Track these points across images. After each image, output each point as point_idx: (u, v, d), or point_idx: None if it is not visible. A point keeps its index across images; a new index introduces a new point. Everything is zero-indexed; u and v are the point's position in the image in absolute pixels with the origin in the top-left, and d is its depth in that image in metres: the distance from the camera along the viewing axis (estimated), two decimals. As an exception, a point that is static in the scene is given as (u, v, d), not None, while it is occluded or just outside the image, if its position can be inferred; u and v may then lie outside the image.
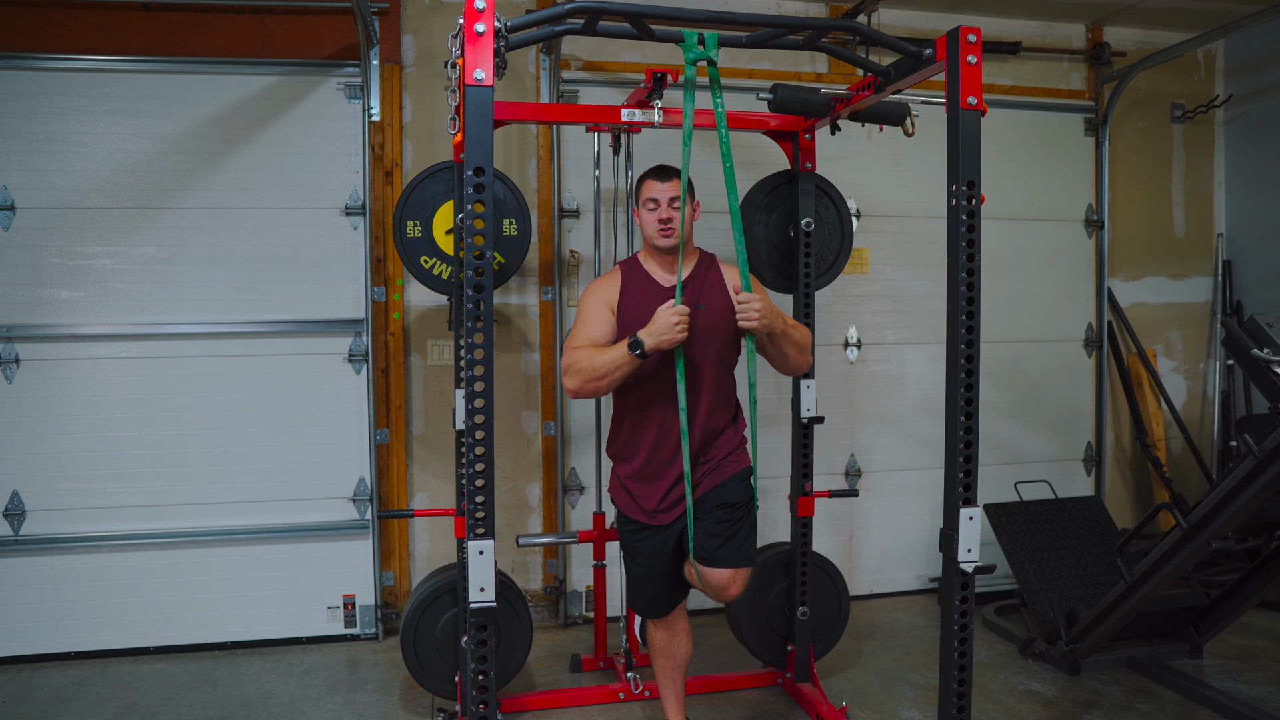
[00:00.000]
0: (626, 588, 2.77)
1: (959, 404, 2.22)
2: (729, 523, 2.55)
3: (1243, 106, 4.82)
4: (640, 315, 2.49)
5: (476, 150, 1.96)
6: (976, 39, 2.22)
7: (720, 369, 2.59)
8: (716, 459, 2.60)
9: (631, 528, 2.65)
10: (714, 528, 2.54)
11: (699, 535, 2.54)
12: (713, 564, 2.53)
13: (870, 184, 4.31)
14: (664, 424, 2.54)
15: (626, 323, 2.54)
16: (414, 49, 3.95)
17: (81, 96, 3.65)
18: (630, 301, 2.57)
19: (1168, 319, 4.90)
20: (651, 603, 2.68)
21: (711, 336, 2.55)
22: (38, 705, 3.24)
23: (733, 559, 2.53)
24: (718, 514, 2.54)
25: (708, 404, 2.56)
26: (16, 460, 3.62)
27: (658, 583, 2.65)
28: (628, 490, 2.63)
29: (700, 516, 2.54)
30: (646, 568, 2.64)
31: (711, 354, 2.55)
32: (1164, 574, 2.99)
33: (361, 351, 3.84)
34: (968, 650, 2.26)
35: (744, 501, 2.58)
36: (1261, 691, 3.25)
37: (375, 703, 3.26)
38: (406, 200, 3.08)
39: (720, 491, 2.57)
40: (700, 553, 2.54)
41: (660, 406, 2.53)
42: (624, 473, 2.64)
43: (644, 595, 2.69)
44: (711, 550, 2.53)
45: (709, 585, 2.57)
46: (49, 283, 3.64)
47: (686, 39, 2.31)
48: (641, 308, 2.53)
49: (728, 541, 2.54)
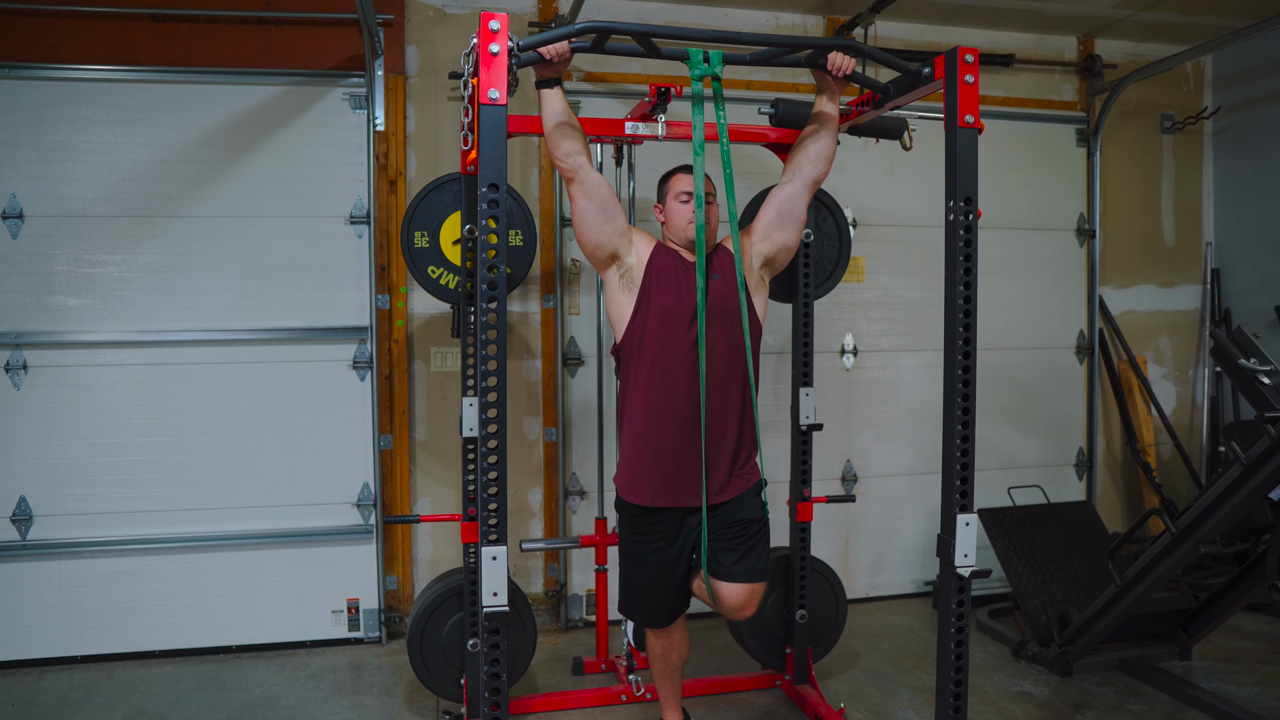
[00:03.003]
0: (620, 595, 2.71)
1: (956, 413, 2.28)
2: (744, 538, 2.56)
3: (1231, 118, 4.92)
4: (661, 278, 2.52)
5: (491, 167, 2.02)
6: (974, 59, 2.29)
7: (733, 349, 2.52)
8: (729, 450, 2.54)
9: (636, 525, 2.59)
10: (730, 543, 2.54)
11: (713, 550, 2.54)
12: (729, 579, 2.54)
13: (866, 194, 4.39)
14: (683, 383, 2.48)
15: (650, 277, 2.53)
16: (418, 60, 4.00)
17: (89, 106, 3.69)
18: (660, 263, 2.56)
19: (1158, 326, 4.98)
20: (653, 614, 2.68)
21: (725, 304, 2.51)
22: (46, 708, 3.28)
23: (748, 574, 2.55)
24: (734, 529, 2.55)
25: (720, 374, 2.50)
26: (24, 466, 3.66)
27: (660, 595, 2.63)
28: (636, 465, 2.55)
29: (714, 532, 2.53)
30: (649, 579, 2.61)
31: (721, 330, 2.51)
32: (1154, 577, 3.06)
33: (366, 358, 3.89)
34: (964, 653, 2.33)
35: (759, 517, 2.60)
36: (1249, 692, 3.33)
37: (381, 705, 3.31)
38: (414, 211, 3.13)
39: (736, 507, 2.56)
40: (716, 567, 2.54)
41: (677, 370, 2.49)
42: (635, 430, 2.55)
43: (645, 606, 2.67)
44: (728, 565, 2.54)
45: (722, 604, 2.56)
46: (57, 290, 3.68)
47: (693, 57, 2.37)
48: (664, 273, 2.53)
49: (744, 556, 2.55)
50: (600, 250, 2.54)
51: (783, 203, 2.64)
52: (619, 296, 2.57)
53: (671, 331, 2.49)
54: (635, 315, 2.54)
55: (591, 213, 2.48)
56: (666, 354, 2.49)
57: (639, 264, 2.56)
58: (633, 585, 2.66)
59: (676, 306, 2.50)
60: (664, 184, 2.72)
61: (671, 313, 2.50)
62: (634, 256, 2.56)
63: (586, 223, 2.50)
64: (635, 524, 2.61)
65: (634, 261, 2.56)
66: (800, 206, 2.64)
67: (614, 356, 2.67)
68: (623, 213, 2.56)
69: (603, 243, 2.52)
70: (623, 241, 2.54)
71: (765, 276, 2.68)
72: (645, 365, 2.52)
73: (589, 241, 2.52)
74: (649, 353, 2.51)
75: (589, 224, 2.50)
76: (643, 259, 2.56)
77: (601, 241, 2.52)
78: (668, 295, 2.52)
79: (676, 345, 2.49)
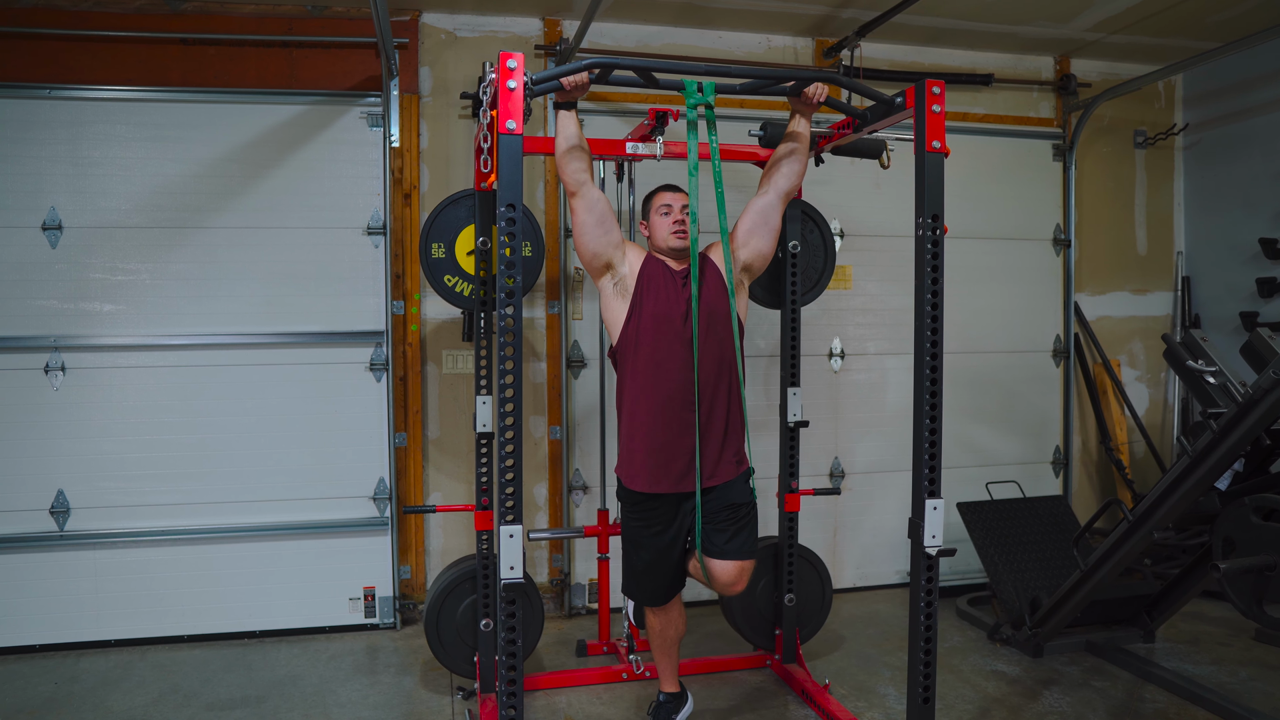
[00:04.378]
0: (624, 577, 2.96)
1: (924, 408, 2.54)
2: (734, 520, 2.82)
3: (1200, 134, 5.19)
4: (651, 285, 2.75)
5: (509, 190, 2.28)
6: (940, 90, 2.55)
7: (721, 348, 2.76)
8: (718, 439, 2.76)
9: (636, 511, 2.82)
10: (721, 525, 2.80)
11: (706, 530, 2.79)
12: (720, 556, 2.80)
13: (853, 206, 4.65)
14: (675, 380, 2.71)
15: (642, 285, 2.76)
16: (431, 80, 4.26)
17: (123, 124, 3.94)
18: (650, 272, 2.79)
19: (1131, 331, 5.24)
20: (652, 593, 2.92)
21: (713, 307, 2.76)
22: (87, 686, 3.52)
23: (739, 551, 2.81)
24: (725, 513, 2.81)
25: (708, 370, 2.73)
26: (61, 461, 3.91)
27: (659, 575, 2.88)
28: (635, 455, 2.76)
29: (707, 515, 2.78)
30: (649, 560, 2.85)
31: (708, 330, 2.75)
32: (1114, 562, 3.32)
33: (382, 361, 4.14)
34: (933, 625, 2.58)
35: (748, 501, 2.86)
36: (1205, 670, 3.58)
37: (398, 683, 3.55)
38: (431, 225, 3.38)
39: (726, 492, 2.81)
40: (708, 546, 2.80)
41: (669, 368, 2.72)
42: (632, 423, 2.77)
43: (645, 586, 2.90)
44: (720, 544, 2.80)
45: (716, 580, 2.83)
46: (93, 296, 3.93)
47: (688, 87, 2.62)
48: (653, 281, 2.77)
49: (734, 536, 2.81)
50: (596, 260, 2.79)
51: (758, 213, 2.90)
52: (614, 303, 2.82)
53: (663, 333, 2.74)
54: (629, 319, 2.79)
55: (591, 225, 2.74)
56: (659, 354, 2.74)
57: (631, 274, 2.81)
58: (634, 568, 2.91)
59: (666, 310, 2.76)
60: (647, 202, 2.99)
61: (662, 316, 2.75)
62: (626, 267, 2.81)
63: (586, 234, 2.75)
64: (636, 509, 2.85)
65: (627, 271, 2.81)
66: (775, 216, 2.91)
67: (610, 358, 2.92)
68: (618, 227, 2.82)
69: (599, 252, 2.77)
70: (617, 253, 2.79)
71: (744, 280, 2.94)
72: (640, 364, 2.76)
73: (587, 250, 2.78)
74: (643, 353, 2.76)
75: (588, 235, 2.75)
76: (634, 269, 2.81)
77: (598, 251, 2.77)
78: (658, 300, 2.77)
79: (668, 345, 2.74)
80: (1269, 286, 4.71)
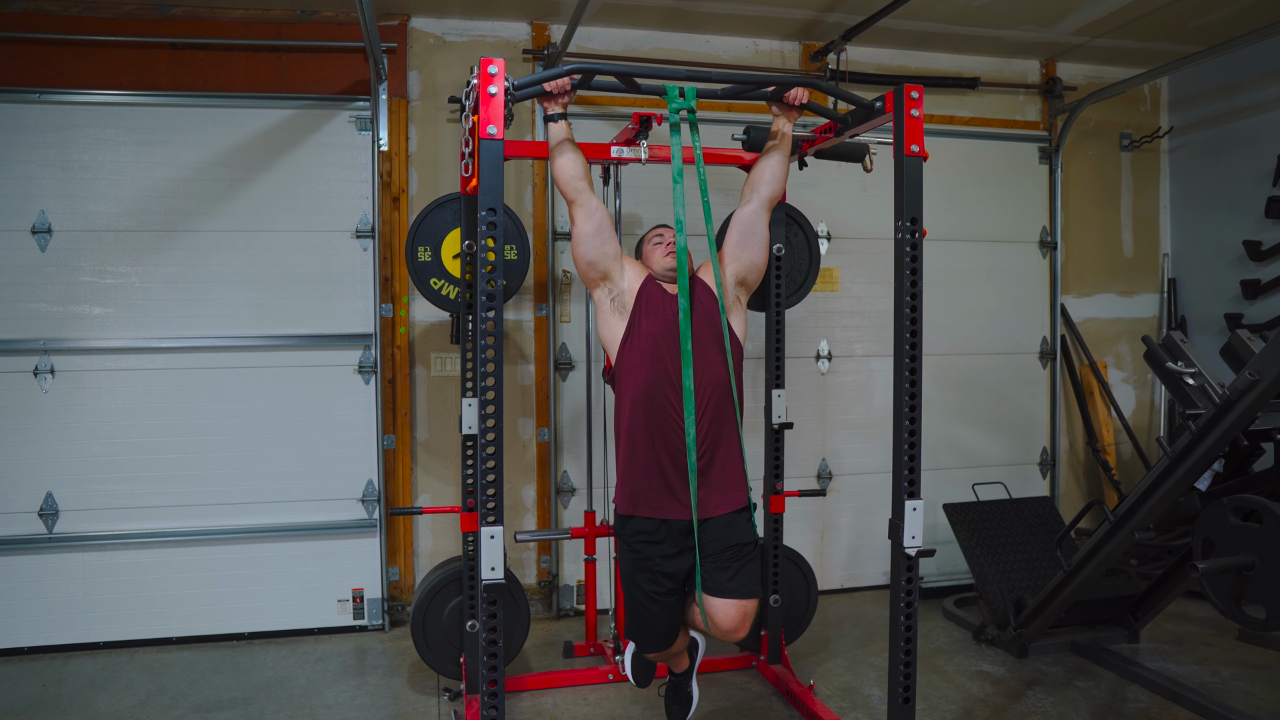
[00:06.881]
0: (627, 623, 2.83)
1: (904, 410, 2.56)
2: (737, 559, 2.70)
3: (1185, 136, 5.22)
4: (650, 306, 2.73)
5: (489, 194, 2.30)
6: (919, 95, 2.57)
7: (717, 352, 2.72)
8: (720, 466, 2.69)
9: (640, 540, 2.69)
10: (724, 562, 2.69)
11: (707, 568, 2.65)
12: (723, 594, 2.67)
13: (840, 209, 4.68)
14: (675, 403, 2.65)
15: (640, 305, 2.73)
16: (419, 84, 4.28)
17: (113, 128, 3.96)
18: (649, 293, 2.77)
19: (1118, 333, 5.27)
20: (652, 636, 2.76)
21: (708, 329, 2.73)
22: (75, 688, 3.53)
23: (741, 590, 2.68)
24: (728, 552, 2.69)
25: (707, 394, 2.67)
26: (51, 464, 3.92)
27: (662, 614, 2.72)
28: (637, 480, 2.68)
29: (709, 551, 2.68)
30: (658, 593, 2.70)
31: (705, 353, 2.69)
32: (1096, 563, 3.34)
33: (370, 363, 4.16)
34: (913, 624, 2.59)
35: (751, 541, 2.74)
36: (1187, 670, 3.61)
37: (385, 684, 3.57)
38: (418, 228, 3.40)
39: (729, 531, 2.68)
40: (709, 584, 2.68)
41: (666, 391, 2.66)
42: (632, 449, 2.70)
43: (644, 627, 2.76)
44: (723, 581, 2.68)
45: (716, 625, 2.69)
46: (82, 299, 3.94)
47: (669, 92, 2.64)
48: (651, 301, 2.75)
49: (737, 574, 2.69)
50: (593, 269, 2.75)
51: (743, 223, 2.86)
52: (610, 320, 2.78)
53: (661, 355, 2.68)
54: (626, 339, 2.75)
55: (590, 234, 2.72)
56: (657, 376, 2.68)
57: (630, 291, 2.77)
58: (636, 609, 2.75)
59: (664, 331, 2.70)
60: (641, 243, 3.01)
61: (660, 337, 2.70)
62: (626, 283, 2.77)
63: (584, 243, 2.72)
64: (638, 540, 2.71)
65: (625, 287, 2.77)
66: (761, 224, 2.87)
67: (606, 379, 2.87)
68: (617, 239, 2.80)
69: (596, 262, 2.74)
70: (615, 264, 2.76)
71: (741, 296, 2.88)
72: (638, 387, 2.69)
73: (584, 260, 2.75)
74: (641, 375, 2.69)
75: (586, 244, 2.72)
76: (634, 287, 2.78)
77: (595, 260, 2.74)
78: (655, 321, 2.72)
79: (665, 368, 2.68)
80: (1253, 288, 4.74)
